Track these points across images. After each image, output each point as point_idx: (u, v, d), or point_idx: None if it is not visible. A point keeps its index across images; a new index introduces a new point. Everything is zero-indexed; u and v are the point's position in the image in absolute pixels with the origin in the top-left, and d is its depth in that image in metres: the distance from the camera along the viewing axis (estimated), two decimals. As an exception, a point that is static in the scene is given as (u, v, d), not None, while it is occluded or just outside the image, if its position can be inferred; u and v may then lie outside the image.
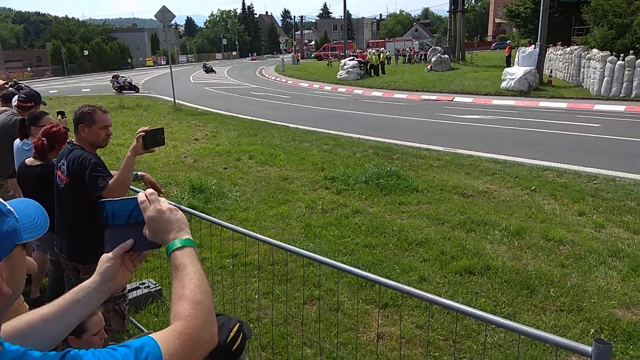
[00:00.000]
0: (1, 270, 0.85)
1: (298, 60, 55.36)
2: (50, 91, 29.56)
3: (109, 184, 2.80)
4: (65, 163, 2.93)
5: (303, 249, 2.57)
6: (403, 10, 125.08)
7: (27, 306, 1.08)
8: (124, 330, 3.38)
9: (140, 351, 0.92)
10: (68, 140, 3.39)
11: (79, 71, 58.26)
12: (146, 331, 3.35)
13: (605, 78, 18.03)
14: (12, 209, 0.89)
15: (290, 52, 63.60)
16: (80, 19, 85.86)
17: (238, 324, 2.01)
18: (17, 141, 4.03)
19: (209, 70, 43.46)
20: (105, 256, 1.19)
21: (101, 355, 0.90)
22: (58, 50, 57.34)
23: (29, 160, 3.46)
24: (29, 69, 58.02)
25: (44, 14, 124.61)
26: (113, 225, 1.21)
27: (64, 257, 3.13)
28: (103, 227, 1.22)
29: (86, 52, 61.21)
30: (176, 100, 19.07)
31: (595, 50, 19.40)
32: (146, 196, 1.19)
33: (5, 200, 0.90)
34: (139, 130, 2.87)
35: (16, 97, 5.07)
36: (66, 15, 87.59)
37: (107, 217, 1.21)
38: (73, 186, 2.90)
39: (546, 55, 24.14)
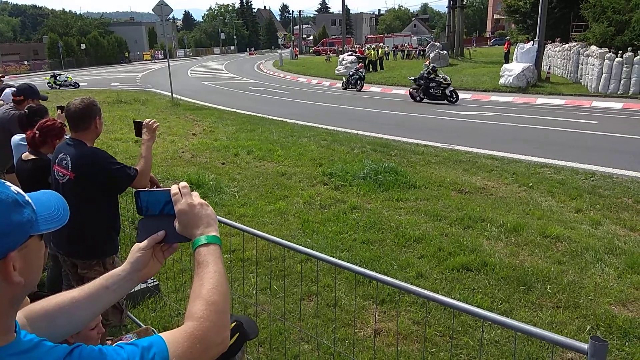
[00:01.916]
0: (14, 260, 0.85)
1: (296, 55, 55.21)
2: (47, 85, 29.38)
3: (139, 170, 2.93)
4: (68, 158, 2.89)
5: (301, 245, 2.57)
6: (402, 6, 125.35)
7: (29, 299, 1.09)
8: (121, 325, 3.38)
9: (148, 351, 0.92)
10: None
11: (76, 65, 57.97)
12: (144, 326, 3.36)
13: (604, 75, 18.04)
14: (30, 200, 0.90)
15: (289, 47, 63.48)
16: (78, 13, 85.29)
17: (235, 323, 2.01)
18: (15, 136, 4.02)
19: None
20: (136, 246, 1.21)
21: (107, 353, 0.91)
22: (55, 44, 57.02)
23: (25, 155, 3.46)
24: (25, 62, 57.67)
25: (41, 7, 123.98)
26: (146, 215, 1.22)
27: (61, 252, 3.12)
28: (104, 223, 1.23)
29: (83, 46, 60.92)
30: (174, 95, 19.02)
31: (593, 47, 19.39)
32: (179, 189, 1.20)
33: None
34: (156, 123, 3.07)
35: (7, 91, 5.07)
36: (63, 9, 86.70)
37: (142, 207, 1.22)
38: (79, 182, 2.88)
39: (544, 52, 24.14)
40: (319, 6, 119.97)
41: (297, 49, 62.60)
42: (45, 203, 0.94)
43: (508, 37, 39.55)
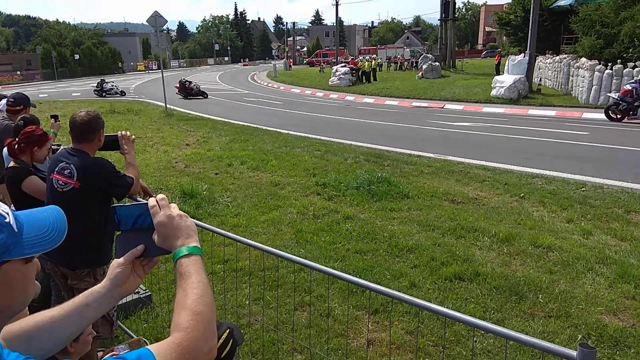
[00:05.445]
0: None
1: (290, 66, 55.49)
2: (40, 95, 29.34)
3: (134, 177, 3.07)
4: (72, 167, 2.90)
5: (294, 255, 2.57)
6: (395, 18, 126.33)
7: (27, 311, 1.09)
8: (112, 337, 3.36)
9: None
10: (65, 147, 3.37)
11: (69, 75, 57.93)
12: (135, 337, 3.33)
13: (594, 86, 18.26)
14: (12, 222, 0.86)
15: (282, 58, 63.79)
16: (72, 23, 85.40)
17: (228, 330, 2.01)
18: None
19: None
20: (116, 261, 1.19)
21: None
22: (48, 54, 57.01)
23: (11, 164, 3.46)
24: (18, 72, 57.58)
25: (35, 18, 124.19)
26: (124, 230, 1.21)
27: (52, 262, 3.11)
28: (99, 232, 1.23)
29: (77, 57, 60.94)
30: (167, 105, 19.03)
31: (583, 59, 19.65)
32: (157, 201, 1.18)
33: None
34: (132, 136, 3.15)
35: (3, 101, 5.05)
36: (57, 19, 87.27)
37: (117, 222, 1.21)
38: (83, 191, 2.90)
39: (535, 64, 24.42)
40: (313, 18, 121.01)
41: (291, 60, 62.99)
42: (38, 223, 0.90)
43: (499, 49, 40.00)
